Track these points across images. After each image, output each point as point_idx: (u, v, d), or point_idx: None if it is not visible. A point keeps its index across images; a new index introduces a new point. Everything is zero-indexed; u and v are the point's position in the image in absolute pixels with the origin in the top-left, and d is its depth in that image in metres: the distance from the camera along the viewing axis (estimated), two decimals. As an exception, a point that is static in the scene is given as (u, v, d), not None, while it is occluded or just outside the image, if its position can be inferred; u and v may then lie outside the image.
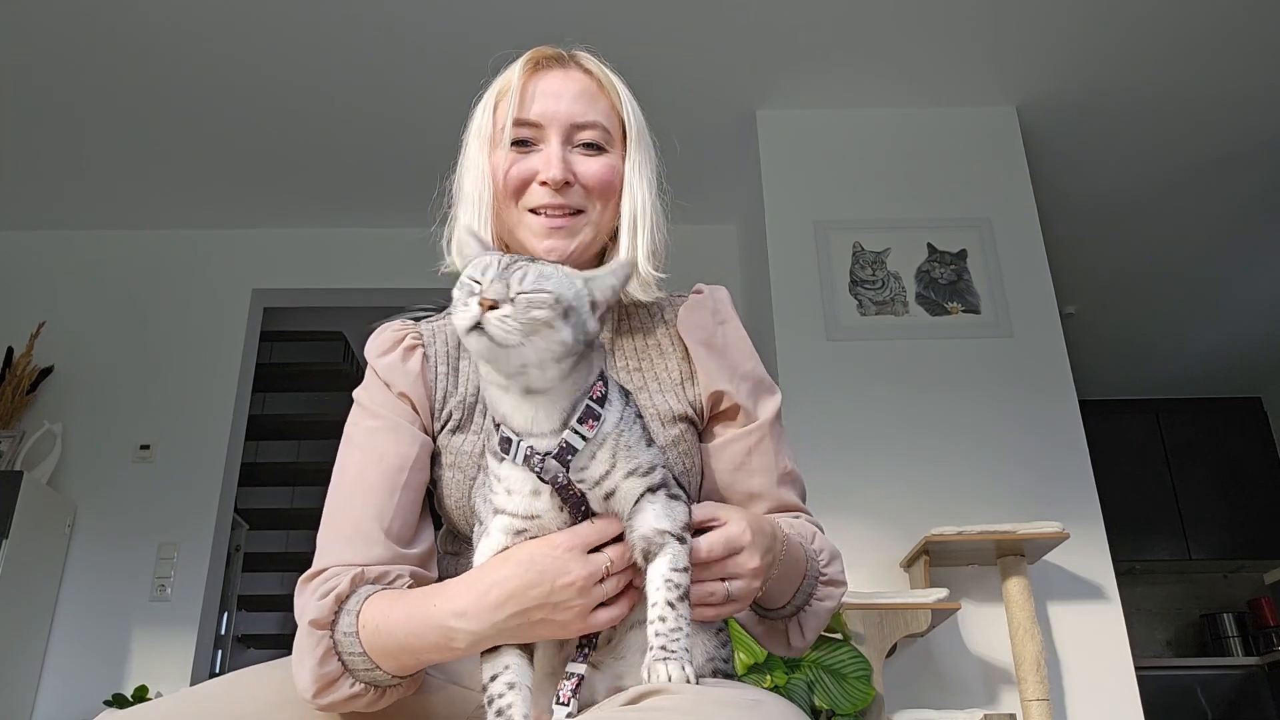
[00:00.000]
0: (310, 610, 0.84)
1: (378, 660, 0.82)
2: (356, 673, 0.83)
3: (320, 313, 4.62)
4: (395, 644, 0.81)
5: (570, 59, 1.05)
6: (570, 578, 0.75)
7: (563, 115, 1.01)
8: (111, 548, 3.42)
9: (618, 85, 1.06)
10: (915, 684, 2.65)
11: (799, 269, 3.18)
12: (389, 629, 0.81)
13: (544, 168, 0.99)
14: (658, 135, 1.11)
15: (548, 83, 1.02)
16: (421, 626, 0.80)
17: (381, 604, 0.84)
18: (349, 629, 0.83)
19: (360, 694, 0.83)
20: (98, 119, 3.32)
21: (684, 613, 0.74)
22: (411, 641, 0.80)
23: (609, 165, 1.02)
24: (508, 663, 0.74)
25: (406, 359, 1.00)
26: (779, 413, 1.04)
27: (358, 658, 0.82)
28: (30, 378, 3.54)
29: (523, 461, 0.76)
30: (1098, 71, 3.22)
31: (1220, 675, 4.82)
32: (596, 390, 0.78)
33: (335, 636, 0.83)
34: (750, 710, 0.69)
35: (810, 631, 0.98)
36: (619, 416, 0.78)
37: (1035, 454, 2.90)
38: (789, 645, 0.98)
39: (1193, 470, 5.46)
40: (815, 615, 0.97)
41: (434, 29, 2.96)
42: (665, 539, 0.76)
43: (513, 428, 0.77)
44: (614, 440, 0.77)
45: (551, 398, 0.76)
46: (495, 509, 0.78)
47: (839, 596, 0.99)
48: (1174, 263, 4.39)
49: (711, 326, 1.04)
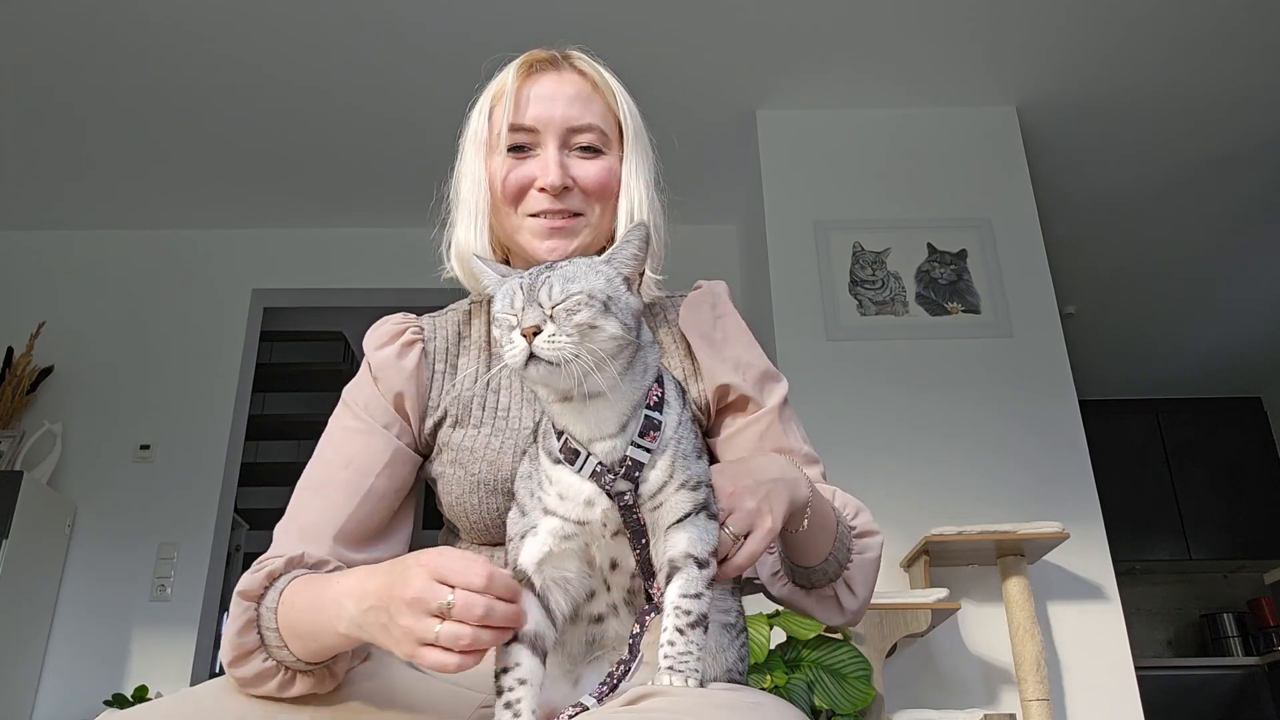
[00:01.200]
0: (243, 582, 0.85)
1: (286, 639, 0.83)
2: (270, 649, 0.84)
3: (320, 313, 4.62)
4: (299, 619, 0.82)
5: (564, 60, 1.04)
6: (407, 591, 0.71)
7: (558, 119, 1.00)
8: (111, 548, 3.42)
9: (613, 85, 1.05)
10: (915, 684, 2.65)
11: (799, 269, 3.18)
12: (299, 605, 0.82)
13: (542, 173, 0.99)
14: (657, 135, 1.10)
15: (542, 86, 1.02)
16: (319, 600, 0.81)
17: (301, 583, 0.85)
18: (272, 604, 0.84)
19: (269, 671, 0.84)
20: (98, 119, 3.32)
21: (695, 639, 0.73)
22: (309, 616, 0.81)
23: (606, 168, 1.02)
24: (519, 659, 0.73)
25: (403, 354, 1.01)
26: (786, 398, 1.04)
27: (272, 633, 0.83)
28: (30, 378, 3.54)
29: (590, 477, 0.74)
30: (1098, 71, 3.22)
31: (1220, 675, 4.82)
32: (653, 395, 0.77)
33: (259, 610, 0.84)
34: (749, 712, 0.69)
35: (860, 587, 0.96)
36: (678, 420, 0.77)
37: (1035, 454, 2.90)
38: (842, 610, 0.97)
39: (1193, 470, 5.46)
40: (860, 569, 0.96)
41: (434, 29, 2.96)
42: (686, 562, 0.75)
43: (576, 437, 0.75)
44: (674, 447, 0.76)
45: (612, 400, 0.74)
46: (545, 509, 0.77)
47: (878, 545, 0.99)
48: (1174, 263, 4.39)
49: (711, 320, 1.05)
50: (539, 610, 0.75)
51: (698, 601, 0.74)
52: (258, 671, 0.84)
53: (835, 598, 0.97)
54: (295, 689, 0.85)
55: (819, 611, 0.98)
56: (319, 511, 0.94)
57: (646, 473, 0.75)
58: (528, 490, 0.80)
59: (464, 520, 0.97)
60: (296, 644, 0.83)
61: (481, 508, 0.95)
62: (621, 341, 0.73)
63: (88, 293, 3.84)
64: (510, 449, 0.95)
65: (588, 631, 0.80)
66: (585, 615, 0.80)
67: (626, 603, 0.79)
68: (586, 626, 0.80)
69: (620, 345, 0.73)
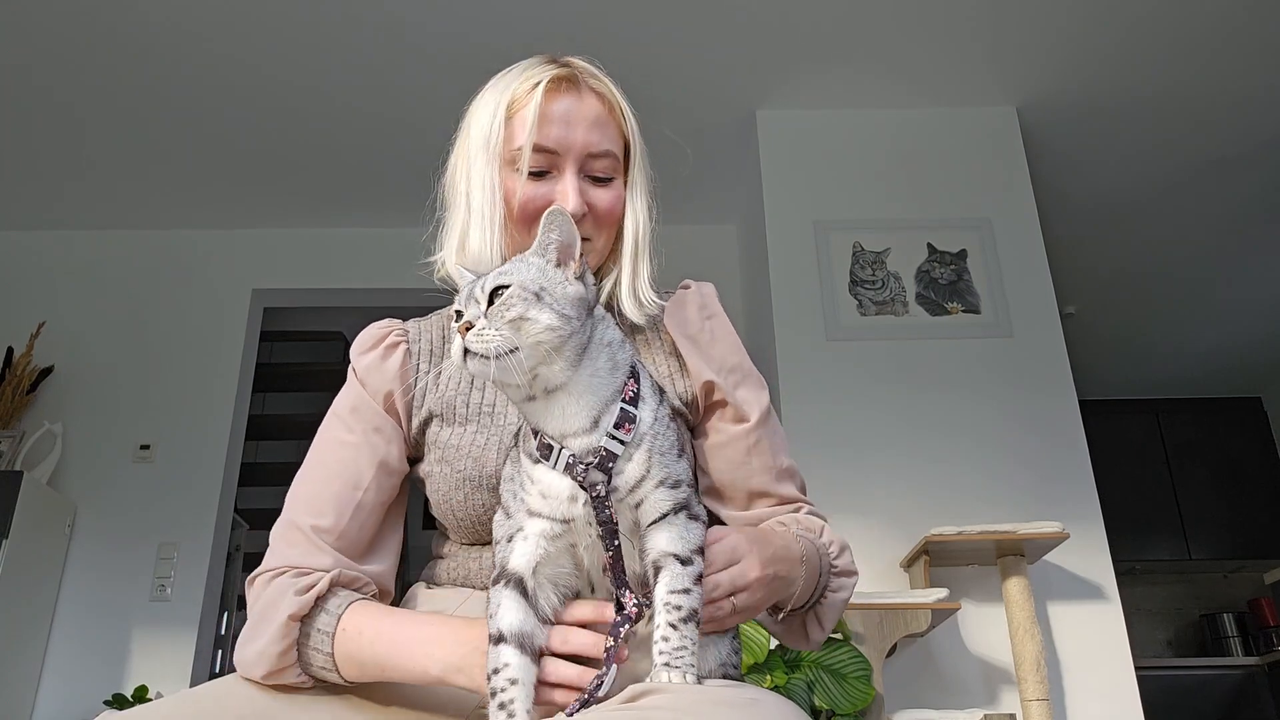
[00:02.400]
0: (288, 605, 0.86)
1: (341, 664, 0.85)
2: (310, 668, 0.86)
3: (320, 313, 4.62)
4: (367, 651, 0.85)
5: (582, 80, 1.03)
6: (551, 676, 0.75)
7: (579, 144, 1.00)
8: (111, 548, 3.42)
9: (623, 105, 1.05)
10: (915, 684, 2.65)
11: (799, 269, 3.18)
12: (368, 637, 0.85)
13: (560, 200, 0.98)
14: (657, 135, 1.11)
15: (563, 107, 1.00)
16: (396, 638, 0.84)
17: (366, 614, 0.87)
18: (326, 628, 0.86)
19: (302, 685, 0.87)
20: (98, 119, 3.32)
21: (688, 633, 0.73)
22: (384, 650, 0.84)
23: (617, 196, 1.03)
24: (507, 659, 0.74)
25: (387, 357, 1.02)
26: (769, 408, 1.04)
27: (321, 655, 0.85)
28: (30, 378, 3.54)
29: (564, 470, 0.75)
30: (1098, 71, 3.22)
31: (1220, 675, 4.82)
32: (628, 390, 0.77)
33: (308, 631, 0.86)
34: (748, 709, 0.69)
35: (828, 622, 0.98)
36: (653, 416, 0.77)
37: (1035, 454, 2.90)
38: (807, 639, 0.99)
39: (1193, 470, 5.46)
40: (831, 607, 0.98)
41: (434, 29, 2.96)
42: (667, 560, 0.75)
43: (548, 433, 0.76)
44: (649, 442, 0.76)
45: (575, 392, 0.75)
46: (529, 510, 0.77)
47: (852, 586, 1.00)
48: (1174, 263, 4.39)
49: (699, 321, 1.05)
50: (527, 611, 0.75)
51: (687, 597, 0.74)
52: (290, 683, 0.87)
53: (803, 628, 0.99)
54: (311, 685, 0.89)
55: (784, 637, 1.01)
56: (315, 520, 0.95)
57: (622, 464, 0.75)
58: (511, 492, 0.80)
59: (450, 518, 0.97)
60: (353, 670, 0.85)
61: (467, 504, 0.95)
62: (560, 332, 0.73)
63: (88, 293, 3.84)
64: (495, 445, 0.95)
65: None
66: None
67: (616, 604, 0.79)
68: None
69: (560, 335, 0.73)
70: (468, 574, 0.97)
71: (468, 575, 0.97)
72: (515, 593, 0.76)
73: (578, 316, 0.75)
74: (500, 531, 0.81)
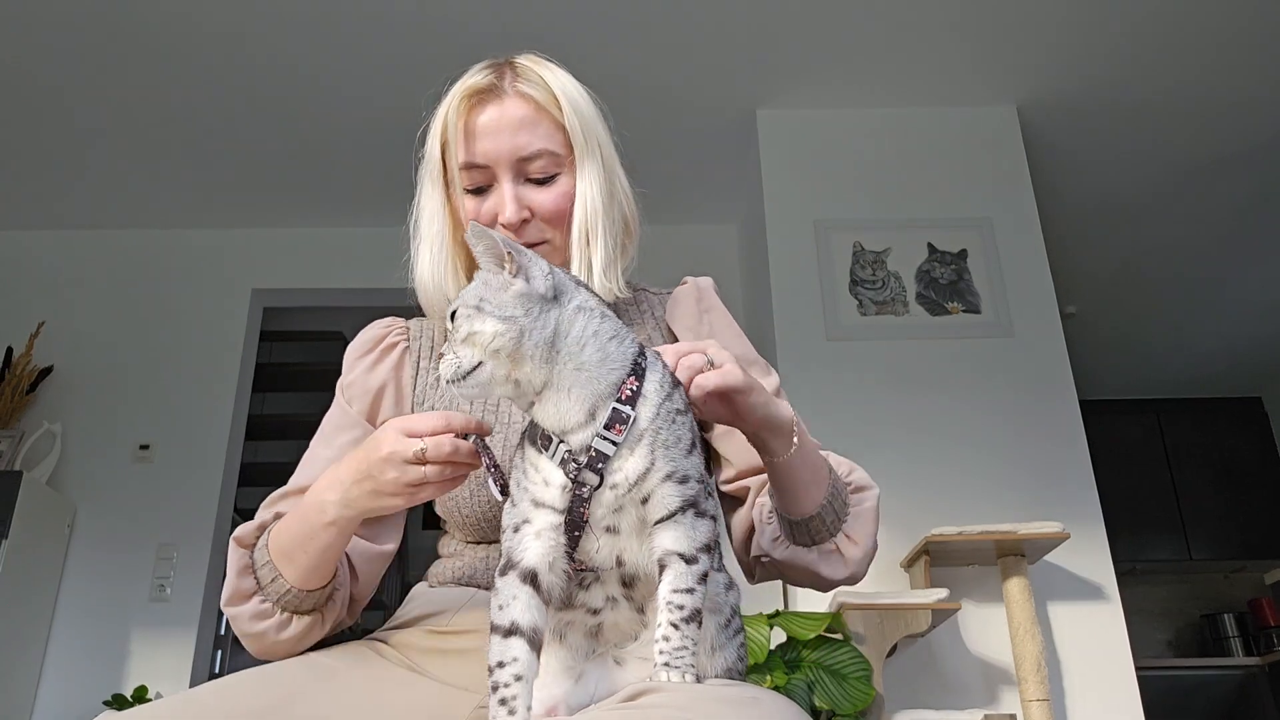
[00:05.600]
0: (238, 530, 0.94)
1: (280, 566, 0.90)
2: (265, 588, 0.91)
3: (320, 313, 4.62)
4: (286, 538, 0.89)
5: (505, 85, 1.01)
6: (383, 450, 0.81)
7: (506, 152, 0.99)
8: (111, 548, 3.42)
9: (556, 93, 1.01)
10: (915, 684, 2.65)
11: (799, 269, 3.18)
12: (284, 527, 0.91)
13: (500, 211, 0.99)
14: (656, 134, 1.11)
15: (486, 119, 1.00)
16: (300, 512, 0.89)
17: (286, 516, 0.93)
18: (263, 543, 0.92)
19: (266, 612, 0.91)
20: (98, 119, 3.32)
21: (690, 633, 0.72)
22: (295, 528, 0.89)
23: (561, 192, 1.01)
24: (515, 653, 0.73)
25: (383, 358, 1.04)
26: (779, 389, 1.03)
27: (266, 567, 0.90)
28: (30, 378, 3.54)
29: (559, 464, 0.75)
30: (1098, 71, 3.22)
31: (1220, 675, 4.82)
32: (626, 389, 0.76)
33: (254, 554, 0.92)
34: (747, 707, 0.69)
35: (861, 536, 0.97)
36: (655, 413, 0.76)
37: (1035, 454, 2.90)
38: (846, 561, 0.97)
39: (1193, 470, 5.46)
40: (859, 519, 0.97)
41: (434, 29, 2.96)
42: (671, 558, 0.74)
43: (550, 430, 0.76)
44: (651, 437, 0.75)
45: (563, 387, 0.74)
46: (534, 500, 0.77)
47: (875, 497, 1.00)
48: (1174, 263, 4.39)
49: (697, 314, 1.06)
50: (541, 607, 0.75)
51: (690, 596, 0.73)
52: (254, 612, 0.91)
53: (838, 550, 0.97)
54: (290, 630, 0.91)
55: (824, 566, 0.97)
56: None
57: (618, 464, 0.74)
58: (515, 480, 0.80)
59: (455, 515, 0.98)
60: (290, 568, 0.89)
61: (473, 500, 0.96)
62: (507, 334, 0.73)
63: (88, 293, 3.84)
64: (500, 441, 0.95)
65: (586, 625, 0.80)
66: (582, 606, 0.80)
67: (626, 596, 0.79)
68: (584, 618, 0.80)
69: (509, 338, 0.73)
70: (473, 572, 0.97)
71: (473, 573, 0.97)
72: (529, 587, 0.75)
73: (525, 313, 0.74)
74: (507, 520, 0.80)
